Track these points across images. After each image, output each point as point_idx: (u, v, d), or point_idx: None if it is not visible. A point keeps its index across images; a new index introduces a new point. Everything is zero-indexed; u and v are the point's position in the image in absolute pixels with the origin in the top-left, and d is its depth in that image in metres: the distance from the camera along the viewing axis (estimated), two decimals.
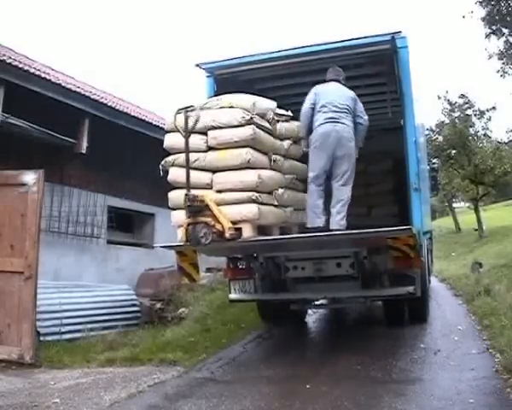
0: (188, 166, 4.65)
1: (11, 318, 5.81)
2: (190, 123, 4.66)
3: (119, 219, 9.73)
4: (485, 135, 25.03)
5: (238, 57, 6.00)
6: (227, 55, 6.14)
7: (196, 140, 4.81)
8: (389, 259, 5.21)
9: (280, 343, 6.68)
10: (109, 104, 9.09)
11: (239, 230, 4.65)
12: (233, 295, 6.23)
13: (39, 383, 5.00)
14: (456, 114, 24.55)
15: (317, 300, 6.81)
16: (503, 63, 15.36)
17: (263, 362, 5.58)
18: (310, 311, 7.92)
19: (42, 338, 6.42)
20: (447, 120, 24.70)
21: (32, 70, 7.56)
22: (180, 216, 4.77)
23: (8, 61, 7.15)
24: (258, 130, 4.83)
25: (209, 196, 4.65)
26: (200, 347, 6.16)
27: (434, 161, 24.35)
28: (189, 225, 4.52)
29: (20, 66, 7.33)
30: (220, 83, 6.07)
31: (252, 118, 4.77)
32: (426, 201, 7.69)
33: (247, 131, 4.74)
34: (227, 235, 4.52)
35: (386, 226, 7.38)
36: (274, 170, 5.15)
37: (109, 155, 9.10)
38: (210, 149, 4.88)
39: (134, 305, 8.36)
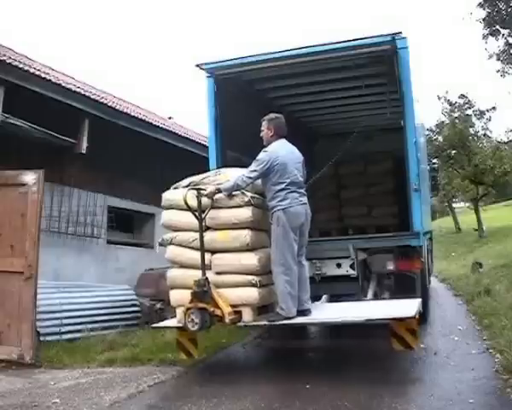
0: (202, 248, 4.60)
1: (11, 318, 5.80)
2: (205, 202, 4.62)
3: (119, 219, 9.72)
4: (485, 135, 25.12)
5: (239, 58, 6.01)
6: (227, 55, 6.15)
7: (194, 219, 4.69)
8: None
9: (280, 343, 6.68)
10: (109, 104, 9.07)
11: (239, 312, 4.62)
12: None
13: (39, 383, 4.99)
14: (456, 114, 24.62)
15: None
16: (503, 63, 15.37)
17: (263, 362, 5.59)
18: None
19: (42, 338, 6.40)
20: (447, 120, 24.77)
21: (32, 70, 7.53)
22: (180, 296, 4.74)
23: (9, 61, 7.13)
24: (256, 210, 4.74)
25: (208, 280, 4.61)
26: (200, 347, 6.15)
27: (434, 161, 24.38)
28: (188, 309, 4.53)
29: (20, 66, 7.30)
30: (220, 83, 6.07)
31: (250, 199, 4.68)
32: (426, 201, 7.71)
33: (246, 213, 4.65)
34: (227, 320, 4.53)
35: (386, 226, 7.50)
36: None
37: (109, 155, 9.09)
38: (208, 228, 4.78)
39: (134, 305, 8.34)
